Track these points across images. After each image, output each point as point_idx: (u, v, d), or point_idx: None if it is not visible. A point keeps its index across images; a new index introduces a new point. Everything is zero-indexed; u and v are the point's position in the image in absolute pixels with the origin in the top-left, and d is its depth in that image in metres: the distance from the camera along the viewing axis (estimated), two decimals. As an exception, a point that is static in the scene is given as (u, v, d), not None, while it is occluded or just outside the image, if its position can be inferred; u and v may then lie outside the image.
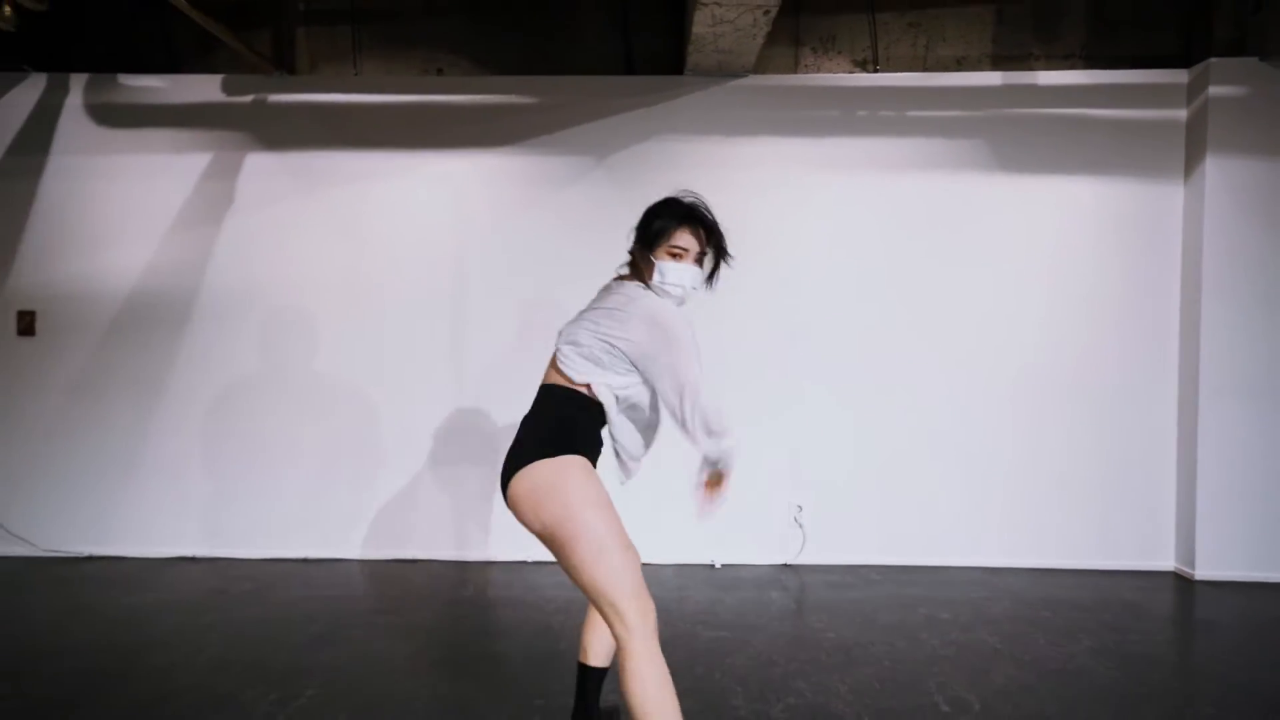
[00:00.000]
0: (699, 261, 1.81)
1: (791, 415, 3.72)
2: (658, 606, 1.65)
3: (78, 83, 3.78)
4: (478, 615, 3.02)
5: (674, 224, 1.77)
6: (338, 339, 3.78)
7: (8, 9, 3.30)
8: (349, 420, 3.78)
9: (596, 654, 1.87)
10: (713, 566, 3.70)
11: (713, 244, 1.83)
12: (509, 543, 3.66)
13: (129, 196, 3.78)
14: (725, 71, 3.66)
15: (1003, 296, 3.71)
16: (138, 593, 3.24)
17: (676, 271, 1.76)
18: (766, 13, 2.94)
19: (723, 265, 1.89)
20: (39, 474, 3.79)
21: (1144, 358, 3.68)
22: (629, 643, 1.53)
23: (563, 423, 1.73)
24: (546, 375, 1.86)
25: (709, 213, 1.83)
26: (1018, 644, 2.72)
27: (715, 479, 1.73)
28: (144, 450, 3.79)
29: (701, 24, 3.05)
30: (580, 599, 2.72)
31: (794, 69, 3.82)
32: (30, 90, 3.77)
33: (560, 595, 3.22)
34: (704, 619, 2.96)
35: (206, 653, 2.56)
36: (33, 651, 2.60)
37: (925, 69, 3.79)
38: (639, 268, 1.83)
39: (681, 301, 1.82)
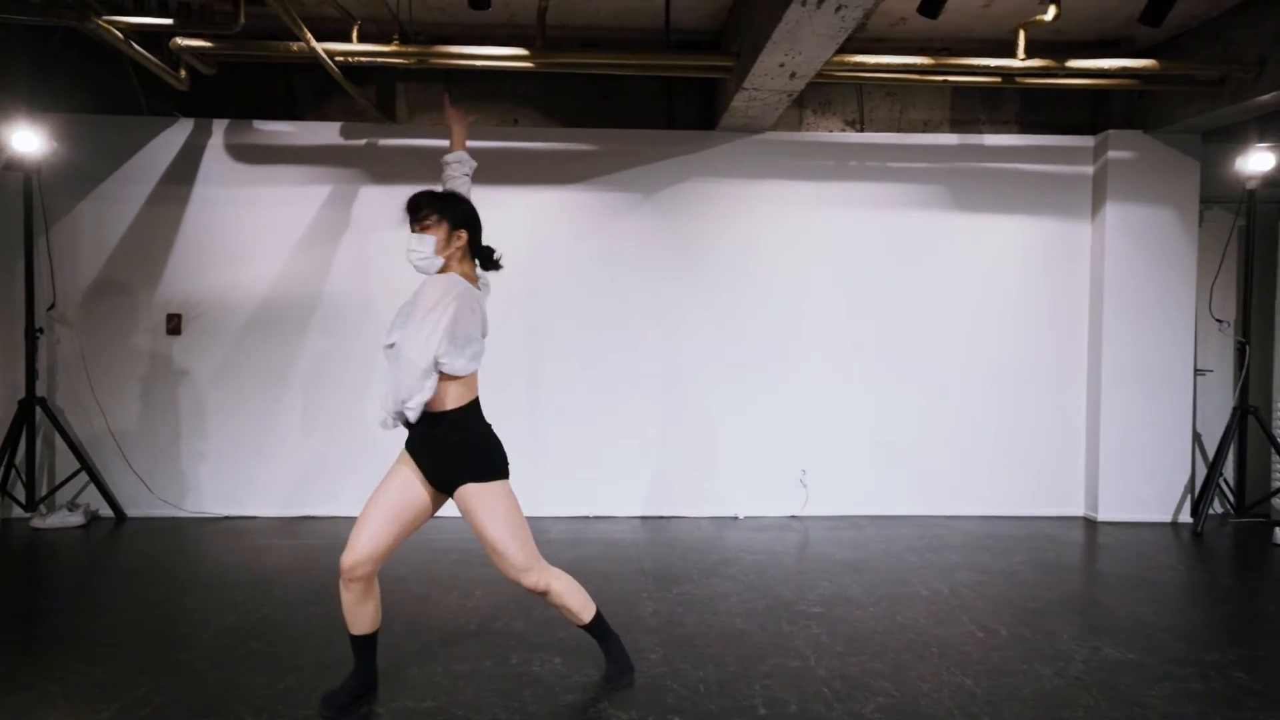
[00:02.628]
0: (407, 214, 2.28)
1: (796, 397, 4.75)
2: (715, 548, 2.59)
3: (219, 127, 4.57)
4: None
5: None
6: (434, 338, 4.66)
7: (183, 73, 4.10)
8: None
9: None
10: (736, 518, 4.71)
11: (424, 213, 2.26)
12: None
13: (260, 221, 4.58)
14: (748, 129, 4.66)
15: (957, 305, 4.80)
16: (284, 541, 4.07)
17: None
18: (790, 95, 3.95)
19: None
20: (184, 449, 4.57)
21: (1061, 353, 4.83)
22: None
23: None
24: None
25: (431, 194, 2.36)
26: (972, 559, 3.80)
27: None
28: (271, 429, 4.60)
29: (739, 100, 4.04)
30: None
31: (798, 127, 4.85)
32: (179, 132, 4.54)
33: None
34: (745, 549, 3.96)
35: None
36: (242, 579, 3.45)
37: (900, 129, 4.86)
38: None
39: (415, 266, 2.27)
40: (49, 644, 2.65)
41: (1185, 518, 4.68)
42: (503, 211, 4.69)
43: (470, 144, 4.77)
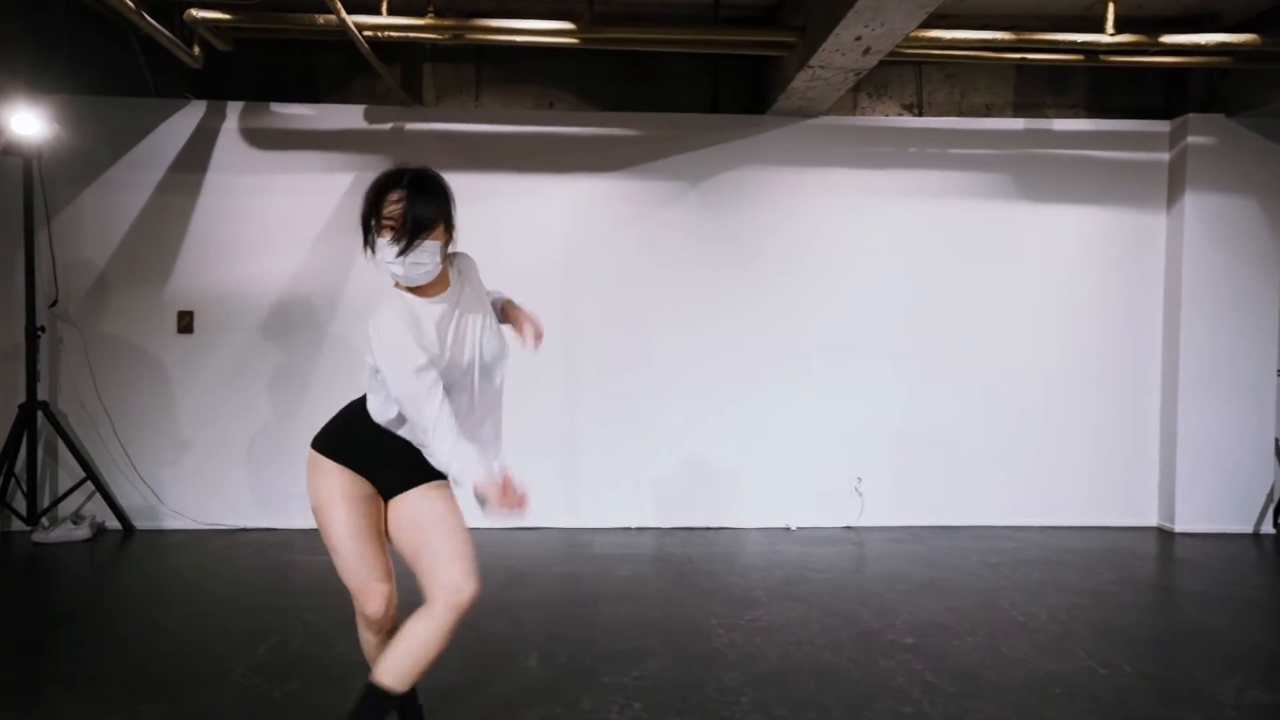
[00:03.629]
0: (407, 235, 1.63)
1: (849, 400, 4.44)
2: (775, 564, 2.29)
3: (233, 109, 4.25)
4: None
5: (380, 190, 1.69)
6: (464, 337, 4.34)
7: (197, 49, 3.78)
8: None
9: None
10: (788, 529, 4.41)
11: (420, 211, 1.64)
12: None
13: (277, 211, 4.27)
14: (801, 113, 4.35)
15: (1022, 300, 4.49)
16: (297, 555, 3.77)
17: (385, 249, 1.65)
18: (858, 74, 3.64)
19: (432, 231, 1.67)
20: (195, 456, 4.26)
21: (1133, 352, 4.52)
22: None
23: (336, 420, 1.86)
24: None
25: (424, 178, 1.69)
26: (1056, 577, 3.50)
27: (480, 499, 1.66)
28: (288, 435, 4.29)
29: (801, 80, 3.72)
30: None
31: (853, 111, 4.54)
32: (190, 115, 4.22)
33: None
34: (808, 565, 3.66)
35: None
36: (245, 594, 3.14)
37: (960, 114, 4.56)
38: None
39: (411, 282, 1.67)
40: (57, 684, 2.34)
41: (1267, 528, 4.39)
42: (537, 201, 4.38)
43: (502, 128, 4.51)
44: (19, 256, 4.04)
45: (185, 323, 4.24)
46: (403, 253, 1.64)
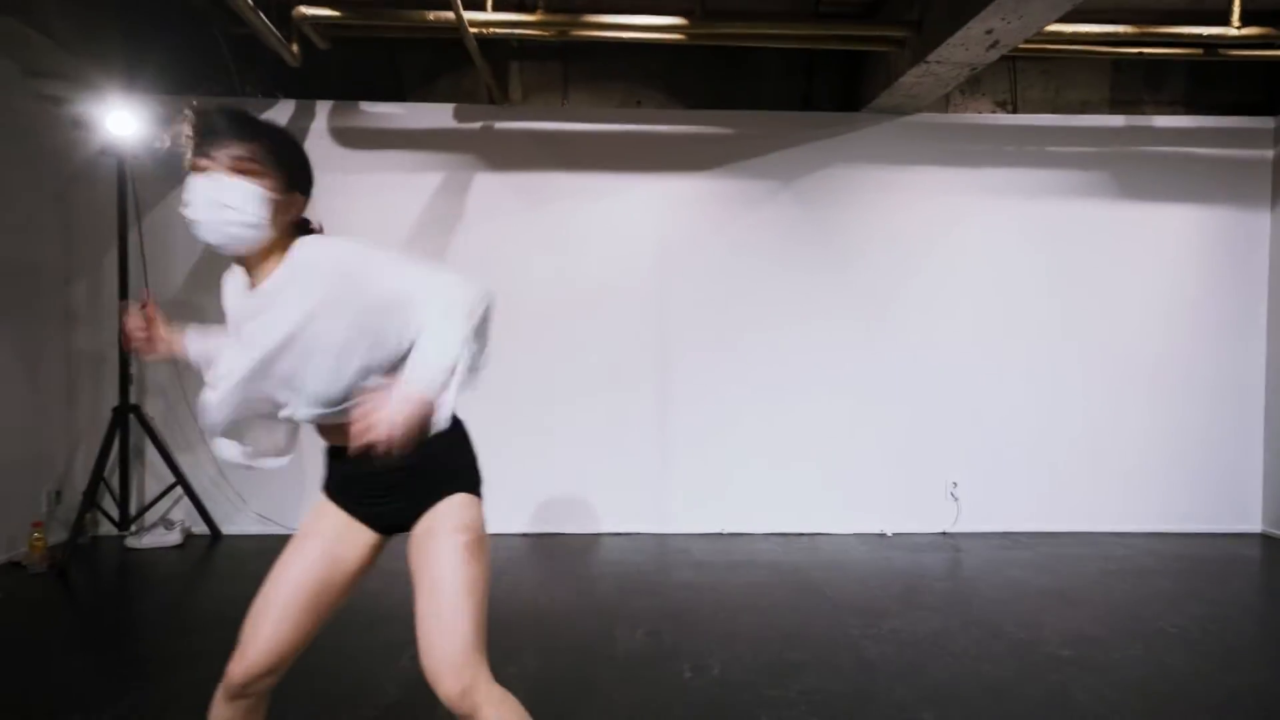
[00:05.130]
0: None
1: (943, 402, 4.35)
2: (887, 571, 2.21)
3: (322, 108, 4.19)
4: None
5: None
6: (552, 339, 4.27)
7: (295, 47, 3.72)
8: (541, 413, 4.24)
9: None
10: (884, 534, 4.31)
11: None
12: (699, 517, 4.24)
13: (369, 210, 4.19)
14: (898, 111, 4.26)
15: (1121, 301, 4.38)
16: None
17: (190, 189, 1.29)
18: (974, 69, 3.55)
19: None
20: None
21: (1236, 353, 4.41)
22: None
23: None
24: None
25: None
26: (1189, 586, 3.39)
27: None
28: (376, 439, 4.22)
29: (912, 75, 3.64)
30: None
31: (945, 109, 4.44)
32: (280, 114, 4.16)
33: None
34: (922, 573, 3.57)
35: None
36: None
37: (1055, 111, 4.46)
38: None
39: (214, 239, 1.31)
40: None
41: (1377, 535, 4.28)
42: (626, 200, 4.30)
43: (589, 127, 4.43)
44: (109, 256, 3.99)
45: (273, 325, 4.17)
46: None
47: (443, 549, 1.38)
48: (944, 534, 4.32)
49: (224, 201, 1.29)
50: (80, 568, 3.53)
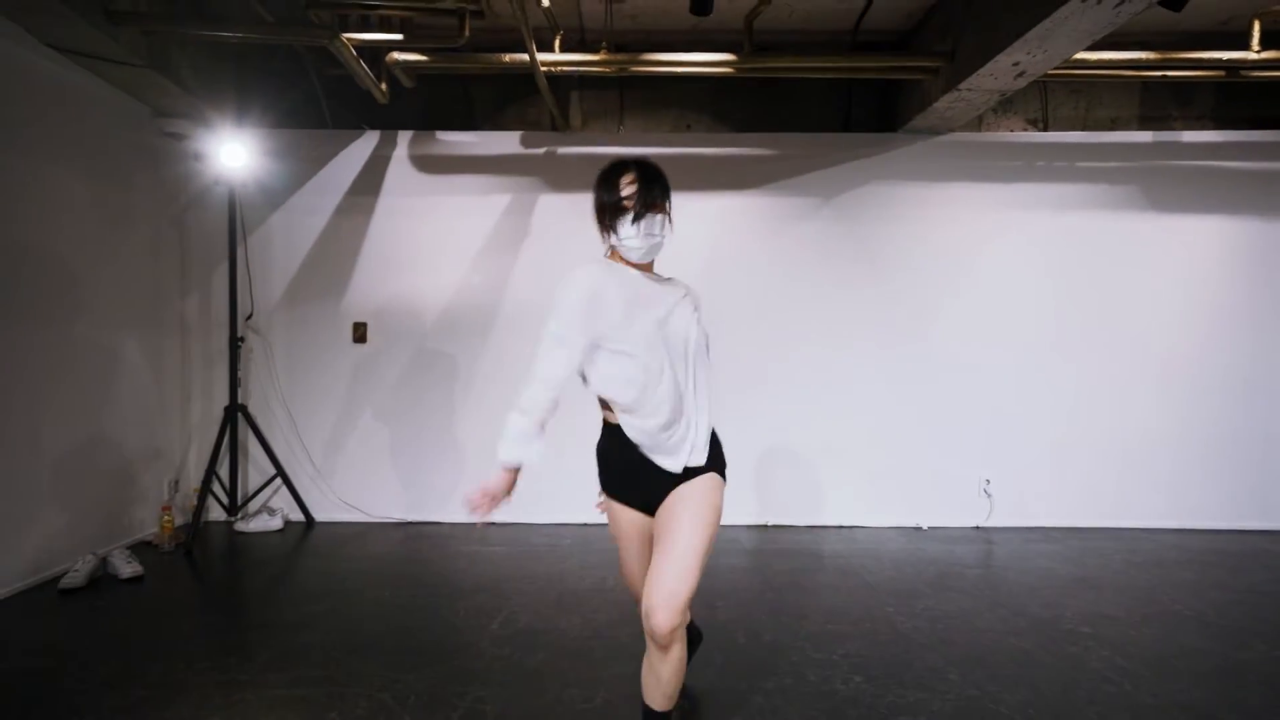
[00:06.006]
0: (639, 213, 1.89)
1: (978, 405, 4.61)
2: (922, 560, 2.59)
3: (403, 138, 4.65)
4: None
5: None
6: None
7: (384, 85, 4.17)
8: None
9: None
10: (919, 528, 4.59)
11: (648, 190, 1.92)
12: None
13: (443, 230, 4.64)
14: (933, 131, 4.55)
15: (1151, 311, 4.59)
16: (473, 548, 4.11)
17: (623, 224, 1.89)
18: (1003, 95, 3.83)
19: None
20: (369, 455, 4.65)
21: (1265, 357, 4.58)
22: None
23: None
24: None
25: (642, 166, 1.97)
26: (1209, 576, 3.61)
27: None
28: (454, 434, 4.65)
29: (944, 101, 3.93)
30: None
31: (979, 128, 4.71)
32: (366, 144, 4.63)
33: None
34: (954, 562, 3.85)
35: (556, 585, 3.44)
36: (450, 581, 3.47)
37: (1085, 128, 4.70)
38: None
39: (644, 254, 1.94)
40: (346, 651, 2.67)
41: (1407, 534, 4.41)
42: (678, 218, 4.57)
43: (643, 150, 4.81)
44: (219, 272, 4.50)
45: (360, 333, 4.64)
46: (636, 220, 1.88)
47: (690, 514, 1.84)
48: (977, 528, 4.58)
49: (655, 233, 1.94)
50: (201, 547, 4.02)
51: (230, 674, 2.45)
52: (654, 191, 1.92)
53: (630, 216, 1.89)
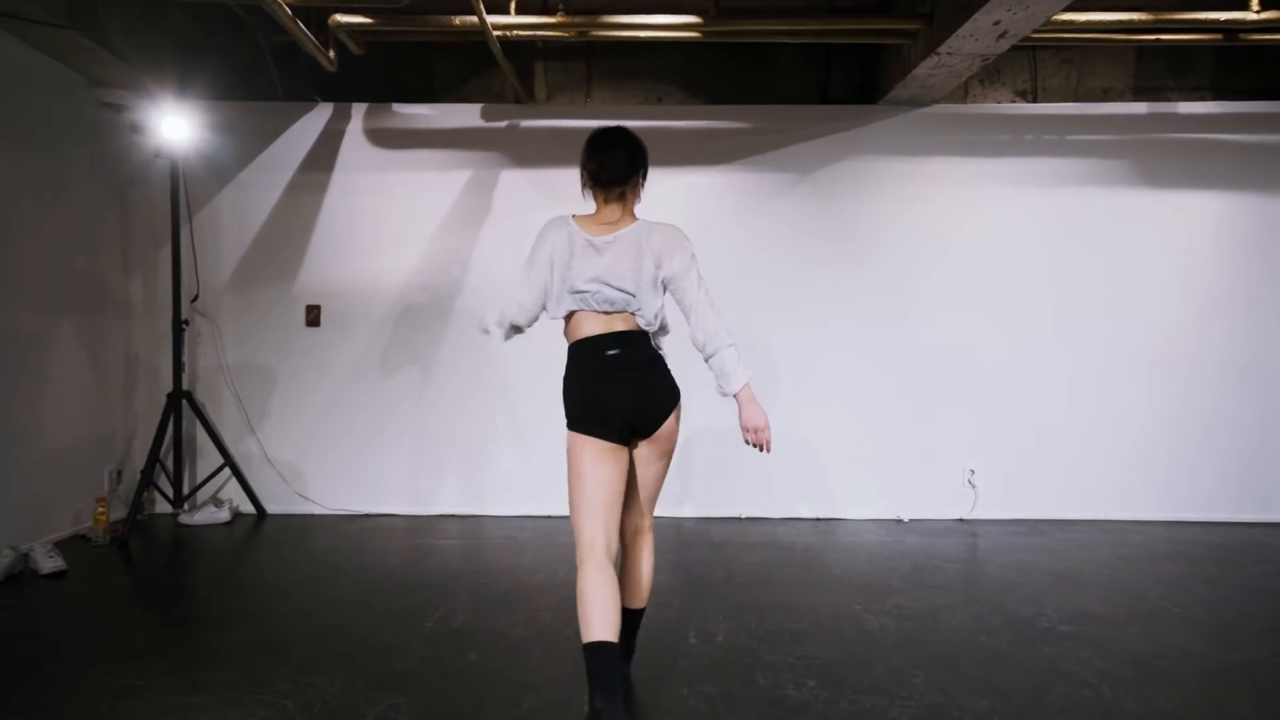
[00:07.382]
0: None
1: (961, 392, 4.39)
2: (899, 554, 2.28)
3: (358, 111, 4.42)
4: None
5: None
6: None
7: (332, 53, 3.94)
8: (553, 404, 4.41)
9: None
10: (900, 520, 4.38)
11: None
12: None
13: (401, 208, 4.42)
14: (915, 102, 4.31)
15: (1144, 290, 4.36)
16: (431, 540, 3.90)
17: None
18: (985, 60, 3.60)
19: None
20: (322, 444, 4.44)
21: (1261, 341, 4.35)
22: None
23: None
24: (615, 324, 2.15)
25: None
26: (1199, 571, 3.40)
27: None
28: (412, 423, 4.44)
29: (925, 67, 3.70)
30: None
31: (964, 99, 4.48)
32: (318, 117, 4.40)
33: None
34: (933, 555, 3.64)
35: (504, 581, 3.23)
36: (390, 579, 3.26)
37: (1077, 99, 4.46)
38: (630, 201, 2.21)
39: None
40: (258, 652, 2.48)
41: None
42: (648, 194, 4.35)
43: (610, 123, 4.57)
44: (163, 253, 4.28)
45: (313, 316, 4.43)
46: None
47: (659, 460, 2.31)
48: (961, 520, 4.37)
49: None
50: (139, 541, 3.82)
51: (125, 678, 2.25)
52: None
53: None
